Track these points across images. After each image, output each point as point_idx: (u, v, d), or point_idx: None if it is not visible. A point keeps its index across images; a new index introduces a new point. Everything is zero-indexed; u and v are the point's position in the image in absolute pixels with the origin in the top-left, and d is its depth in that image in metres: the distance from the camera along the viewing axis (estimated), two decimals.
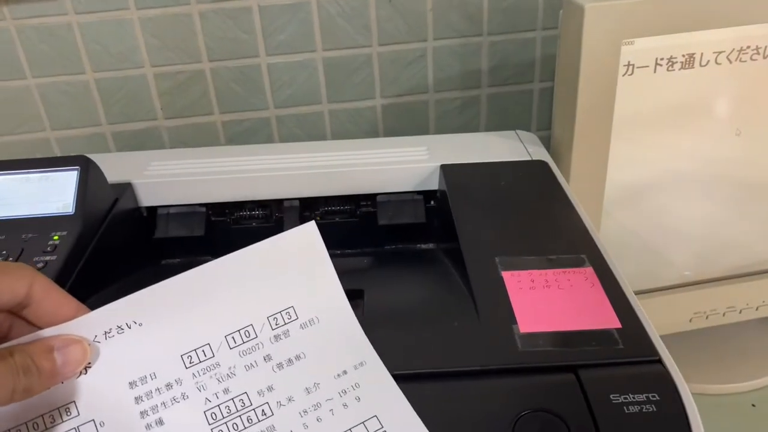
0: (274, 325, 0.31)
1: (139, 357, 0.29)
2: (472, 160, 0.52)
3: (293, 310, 0.32)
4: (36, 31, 0.61)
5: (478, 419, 0.30)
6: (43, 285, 0.28)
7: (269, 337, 0.31)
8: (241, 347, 0.30)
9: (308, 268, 0.33)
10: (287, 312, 0.32)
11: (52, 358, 0.27)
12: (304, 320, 0.32)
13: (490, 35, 0.66)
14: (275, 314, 0.31)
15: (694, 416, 0.29)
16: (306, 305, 0.32)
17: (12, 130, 0.66)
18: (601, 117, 0.53)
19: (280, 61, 0.65)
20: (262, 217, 0.55)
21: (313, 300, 0.32)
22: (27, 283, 0.28)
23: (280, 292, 0.32)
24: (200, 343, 0.30)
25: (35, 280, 0.28)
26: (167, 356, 0.30)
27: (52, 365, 0.27)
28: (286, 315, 0.32)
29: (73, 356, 0.28)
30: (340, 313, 0.32)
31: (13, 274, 0.28)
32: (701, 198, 0.59)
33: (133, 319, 0.30)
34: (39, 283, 0.28)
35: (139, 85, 0.65)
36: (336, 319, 0.32)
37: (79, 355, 0.28)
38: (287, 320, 0.32)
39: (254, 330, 0.31)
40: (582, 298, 0.36)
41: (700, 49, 0.51)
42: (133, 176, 0.53)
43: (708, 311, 0.63)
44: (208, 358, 0.30)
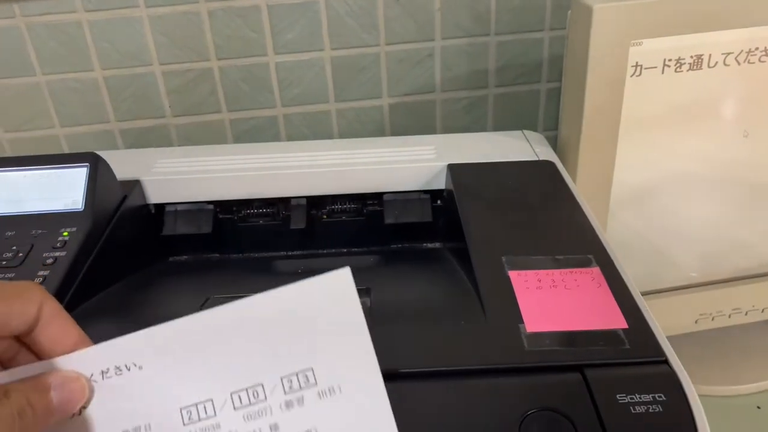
0: (287, 388, 0.27)
1: (135, 404, 0.27)
2: (479, 160, 0.52)
3: (312, 373, 0.27)
4: (46, 28, 0.61)
5: (485, 418, 0.30)
6: (51, 308, 0.27)
7: (280, 403, 0.27)
8: (247, 410, 0.27)
9: (336, 323, 0.28)
10: (305, 374, 0.27)
11: (48, 397, 0.26)
12: (324, 387, 0.27)
13: (497, 35, 0.66)
14: (291, 375, 0.27)
15: (701, 417, 0.29)
16: (328, 369, 0.27)
17: (21, 126, 0.66)
18: (608, 117, 0.53)
19: (288, 60, 0.65)
20: (269, 215, 0.55)
21: (338, 364, 0.27)
22: (37, 306, 0.26)
23: (300, 348, 0.27)
24: (203, 397, 0.27)
25: (45, 302, 0.26)
26: (165, 408, 0.27)
27: (48, 404, 0.26)
28: (304, 378, 0.27)
29: (71, 394, 0.26)
30: (368, 384, 0.27)
31: (24, 296, 0.26)
32: (708, 199, 0.59)
33: (134, 361, 0.27)
34: (48, 305, 0.26)
35: (147, 82, 0.65)
36: (362, 391, 0.27)
37: (77, 394, 0.26)
38: (303, 384, 0.27)
39: (264, 391, 0.27)
40: (588, 298, 0.36)
41: (709, 50, 0.51)
42: (142, 173, 0.53)
43: (714, 313, 0.63)
44: (208, 416, 0.27)
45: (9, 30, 0.61)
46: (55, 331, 0.26)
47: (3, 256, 0.42)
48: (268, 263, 0.53)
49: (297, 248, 0.55)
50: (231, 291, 0.43)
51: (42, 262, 0.42)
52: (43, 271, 0.41)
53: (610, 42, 0.49)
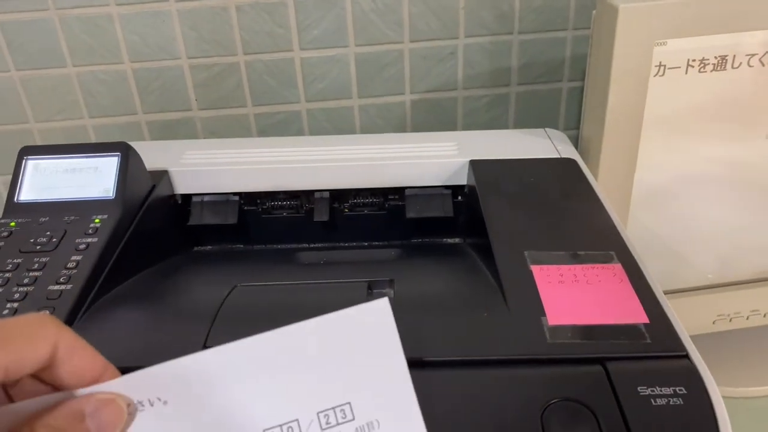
0: (324, 423, 0.26)
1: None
2: (501, 156, 0.53)
3: (350, 408, 0.26)
4: (78, 20, 0.63)
5: (508, 406, 0.31)
6: (67, 343, 0.24)
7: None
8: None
9: (374, 356, 0.27)
10: (342, 409, 0.26)
11: (83, 427, 0.23)
12: (362, 423, 0.26)
13: (521, 34, 0.66)
14: (328, 410, 0.26)
15: (721, 410, 0.30)
16: (366, 403, 0.26)
17: (51, 117, 0.68)
18: (631, 117, 0.53)
19: (314, 56, 0.66)
20: (293, 207, 0.56)
21: (376, 398, 0.26)
22: (51, 345, 0.23)
23: (337, 382, 0.26)
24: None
25: (60, 337, 0.23)
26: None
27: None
28: (341, 413, 0.26)
29: (108, 420, 0.24)
30: (406, 420, 0.26)
31: (35, 336, 0.23)
32: (727, 201, 0.59)
33: (158, 395, 0.25)
34: (64, 341, 0.24)
35: (175, 76, 0.66)
36: (400, 425, 0.26)
37: (114, 417, 0.24)
38: (341, 419, 0.26)
39: (299, 427, 0.26)
40: (610, 293, 0.37)
41: (733, 51, 0.52)
42: (170, 164, 0.54)
43: (732, 314, 0.63)
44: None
45: (42, 22, 0.63)
46: (76, 364, 0.24)
47: (38, 240, 0.43)
48: (291, 254, 0.53)
49: (319, 240, 0.56)
50: (256, 280, 0.44)
51: (75, 247, 0.43)
52: (76, 256, 0.42)
53: (634, 42, 0.50)
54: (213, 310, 0.38)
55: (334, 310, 0.39)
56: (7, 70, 0.65)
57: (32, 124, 0.68)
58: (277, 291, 0.42)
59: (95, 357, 0.25)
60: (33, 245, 0.43)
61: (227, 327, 0.37)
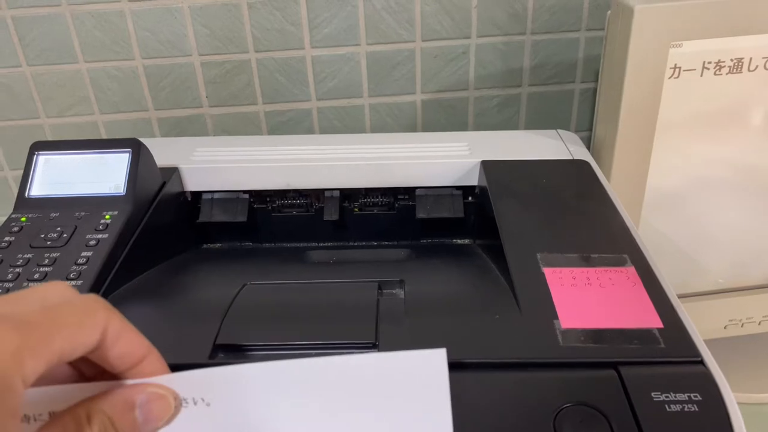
0: None
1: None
2: (513, 157, 0.52)
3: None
4: (90, 16, 0.63)
5: (520, 409, 0.30)
6: (116, 327, 0.24)
7: None
8: None
9: (422, 402, 0.26)
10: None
11: (132, 416, 0.24)
12: None
13: (533, 34, 0.66)
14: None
15: (737, 417, 0.29)
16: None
17: (62, 112, 0.68)
18: (645, 119, 0.52)
19: (325, 54, 0.66)
20: (302, 205, 0.56)
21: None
22: (101, 329, 0.24)
23: (380, 422, 0.26)
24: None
25: (110, 322, 0.24)
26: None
27: (132, 425, 0.24)
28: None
29: (157, 413, 0.25)
30: None
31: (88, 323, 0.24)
32: (741, 205, 0.59)
33: (202, 396, 0.25)
34: (113, 325, 0.24)
35: (186, 72, 0.66)
36: None
37: (162, 412, 0.25)
38: None
39: None
40: (623, 297, 0.37)
41: (750, 53, 0.51)
42: (180, 161, 0.54)
43: (744, 319, 0.63)
44: None
45: (55, 18, 0.63)
46: (122, 347, 0.25)
47: (48, 236, 0.43)
48: (301, 253, 0.53)
49: (329, 239, 0.56)
50: (266, 278, 0.44)
51: (85, 243, 0.43)
52: (87, 252, 0.42)
53: (649, 43, 0.49)
54: (223, 307, 0.38)
55: (345, 309, 0.39)
56: (19, 66, 0.65)
57: (43, 120, 0.68)
58: (288, 289, 0.42)
59: (141, 341, 0.25)
60: (43, 240, 0.43)
61: (237, 325, 0.37)
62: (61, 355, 0.22)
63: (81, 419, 0.23)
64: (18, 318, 0.22)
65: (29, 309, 0.23)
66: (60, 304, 0.24)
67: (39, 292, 0.24)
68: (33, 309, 0.23)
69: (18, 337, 0.21)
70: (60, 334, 0.22)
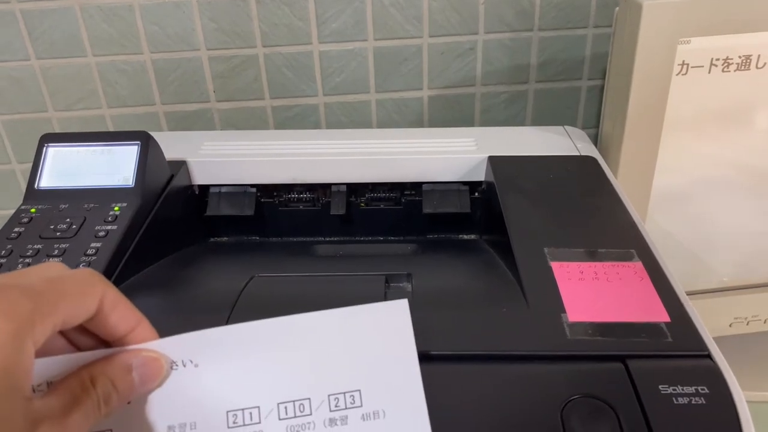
0: (333, 406, 0.28)
1: (186, 401, 0.27)
2: (520, 153, 0.53)
3: (359, 395, 0.28)
4: (99, 10, 0.63)
5: (528, 401, 0.31)
6: (111, 298, 0.26)
7: (324, 419, 0.27)
8: (291, 421, 0.27)
9: (388, 351, 0.28)
10: (352, 395, 0.28)
11: (130, 378, 0.26)
12: (368, 410, 0.28)
13: (541, 30, 0.66)
14: (338, 394, 0.28)
15: (744, 411, 0.29)
16: (375, 393, 0.28)
17: (70, 106, 0.68)
18: (652, 115, 0.52)
19: (332, 49, 0.66)
20: (309, 200, 0.56)
21: (385, 390, 0.28)
22: (98, 299, 0.26)
23: (350, 370, 0.28)
24: (250, 403, 0.28)
25: (106, 293, 0.26)
26: (213, 409, 0.27)
27: (130, 384, 0.26)
28: (350, 398, 0.28)
29: (151, 374, 0.27)
30: (412, 413, 0.28)
31: (86, 293, 0.26)
32: (747, 203, 0.59)
33: (191, 358, 0.28)
34: (108, 296, 0.26)
35: (193, 67, 0.66)
36: (405, 419, 0.28)
37: (156, 373, 0.27)
38: (349, 404, 0.28)
39: (310, 405, 0.28)
40: (631, 291, 0.37)
41: (758, 50, 0.51)
42: (188, 155, 0.54)
43: (749, 317, 0.63)
44: (253, 422, 0.27)
45: (64, 11, 0.63)
46: (117, 316, 0.27)
47: (58, 227, 0.44)
48: (308, 247, 0.53)
49: (336, 234, 0.56)
50: (273, 272, 0.44)
51: (94, 234, 0.43)
52: (96, 243, 0.42)
53: (658, 39, 0.49)
54: (232, 299, 0.38)
55: (353, 302, 0.39)
56: (28, 59, 0.65)
57: (51, 113, 0.68)
58: (296, 282, 0.42)
59: (132, 311, 0.27)
60: (53, 232, 0.43)
61: (246, 316, 0.36)
62: (64, 320, 0.24)
63: (86, 382, 0.25)
64: (27, 287, 0.23)
65: (33, 281, 0.24)
66: (61, 276, 0.25)
67: (39, 268, 0.26)
68: (37, 280, 0.24)
69: (29, 302, 0.23)
70: (64, 302, 0.24)
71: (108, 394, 0.26)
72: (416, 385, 0.28)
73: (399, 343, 0.28)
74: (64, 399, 0.24)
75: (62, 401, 0.24)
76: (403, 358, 0.28)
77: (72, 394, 0.25)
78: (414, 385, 0.28)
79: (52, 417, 0.23)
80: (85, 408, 0.25)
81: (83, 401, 0.25)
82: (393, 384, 0.28)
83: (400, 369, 0.28)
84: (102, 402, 0.25)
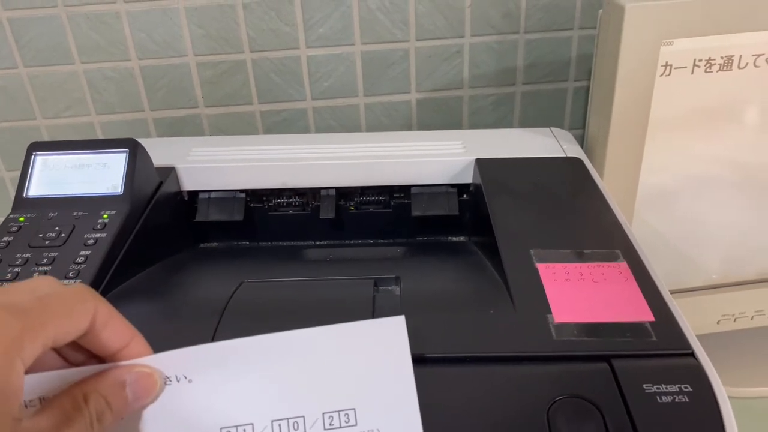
0: (328, 424, 0.27)
1: (179, 417, 0.27)
2: (507, 155, 0.53)
3: (354, 414, 0.27)
4: (86, 18, 0.63)
5: (514, 403, 0.31)
6: (104, 314, 0.26)
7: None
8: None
9: (384, 368, 0.28)
10: (347, 414, 0.27)
11: (124, 394, 0.26)
12: (363, 429, 0.27)
13: (527, 33, 0.66)
14: (332, 412, 0.27)
15: (727, 409, 0.30)
16: (370, 412, 0.27)
17: (58, 113, 0.68)
18: (637, 116, 0.53)
19: (320, 54, 0.66)
20: (299, 204, 0.56)
21: (381, 408, 0.28)
22: (90, 317, 0.26)
23: (345, 388, 0.28)
24: (244, 420, 0.27)
25: (98, 309, 0.26)
26: (206, 425, 0.27)
27: (124, 402, 0.26)
28: (345, 417, 0.27)
29: (144, 390, 0.27)
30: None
31: (77, 309, 0.25)
32: (733, 201, 0.59)
33: (184, 373, 0.27)
34: (101, 312, 0.26)
35: (181, 73, 0.66)
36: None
37: (149, 389, 0.27)
38: (344, 423, 0.27)
39: (304, 424, 0.27)
40: (616, 292, 0.37)
41: (740, 51, 0.52)
42: (176, 161, 0.54)
43: (736, 314, 0.63)
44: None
45: (51, 19, 0.63)
46: (109, 332, 0.26)
47: (47, 235, 0.44)
48: (298, 251, 0.54)
49: (325, 238, 0.56)
50: (263, 277, 0.44)
51: (83, 242, 0.43)
52: (85, 251, 0.42)
53: (641, 41, 0.50)
54: (221, 305, 0.38)
55: (342, 306, 0.39)
56: (15, 67, 0.65)
57: (39, 121, 0.68)
58: (285, 287, 0.42)
59: (126, 326, 0.27)
60: (42, 240, 0.43)
61: (235, 322, 0.37)
62: (55, 338, 0.24)
63: (78, 400, 0.25)
64: (15, 306, 0.23)
65: (23, 298, 0.24)
66: (51, 294, 0.25)
67: (29, 284, 0.26)
68: (26, 298, 0.24)
69: (18, 323, 0.23)
70: (54, 320, 0.24)
71: (101, 411, 0.25)
72: (412, 404, 0.28)
73: (395, 361, 0.28)
74: (55, 418, 0.24)
75: (53, 421, 0.24)
76: (399, 377, 0.28)
77: (63, 413, 0.24)
78: (410, 404, 0.28)
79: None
80: (77, 427, 0.24)
81: (75, 420, 0.24)
82: (388, 403, 0.28)
83: (396, 388, 0.28)
84: (95, 420, 0.25)
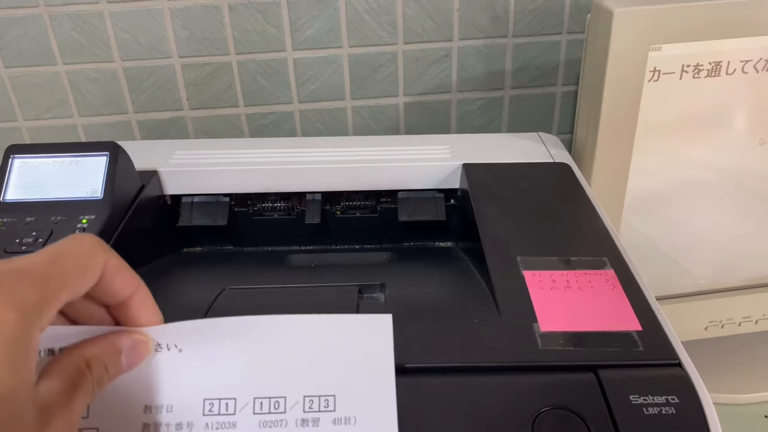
0: (307, 407, 0.28)
1: (165, 383, 0.28)
2: (494, 160, 0.53)
3: (333, 400, 0.29)
4: (68, 18, 0.62)
5: (499, 414, 0.30)
6: (113, 267, 0.27)
7: (297, 419, 0.28)
8: (265, 417, 0.28)
9: (367, 361, 0.29)
10: (326, 399, 0.29)
11: (120, 361, 0.27)
12: (340, 415, 0.28)
13: (515, 37, 0.66)
14: (313, 396, 0.29)
15: (714, 421, 0.30)
16: (349, 400, 0.29)
17: (40, 115, 0.67)
18: (625, 122, 0.53)
19: (306, 56, 0.65)
20: (284, 209, 0.55)
21: (359, 398, 0.29)
22: (100, 271, 0.26)
23: (328, 374, 0.29)
24: (228, 394, 0.28)
25: (108, 262, 0.26)
26: (191, 394, 0.28)
27: (119, 369, 0.27)
28: (324, 402, 0.29)
29: (138, 357, 0.28)
30: (383, 422, 0.28)
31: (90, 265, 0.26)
32: (721, 207, 0.59)
33: (176, 343, 0.29)
34: (110, 265, 0.26)
35: (166, 75, 0.65)
36: (374, 427, 0.28)
37: (142, 355, 0.28)
38: (323, 408, 0.28)
39: (285, 404, 0.28)
40: (602, 300, 0.37)
41: (728, 57, 0.52)
42: (159, 164, 0.53)
43: (724, 320, 0.63)
44: (228, 413, 0.28)
45: (32, 19, 0.62)
46: (117, 283, 0.27)
47: (23, 240, 0.43)
48: (282, 257, 0.53)
49: (311, 243, 0.56)
50: (246, 283, 0.43)
51: None
52: None
53: (629, 46, 0.49)
54: (201, 313, 0.38)
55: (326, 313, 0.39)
56: None
57: (21, 122, 0.67)
58: (267, 294, 0.42)
59: (132, 276, 0.28)
60: (18, 246, 0.42)
61: None
62: (68, 299, 0.25)
63: (81, 366, 0.26)
64: (31, 272, 0.24)
65: (37, 260, 0.24)
66: (65, 254, 0.25)
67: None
68: (40, 260, 0.24)
69: (35, 292, 0.23)
70: (67, 284, 0.25)
71: (101, 377, 0.26)
72: (390, 396, 0.29)
73: (378, 355, 0.29)
74: (65, 384, 0.25)
75: (63, 386, 0.25)
76: (380, 370, 0.29)
77: (70, 380, 0.25)
78: (387, 396, 0.29)
79: (60, 404, 0.24)
80: (85, 392, 0.25)
81: (81, 386, 0.25)
82: (367, 393, 0.29)
83: (376, 380, 0.29)
84: (96, 385, 0.26)
